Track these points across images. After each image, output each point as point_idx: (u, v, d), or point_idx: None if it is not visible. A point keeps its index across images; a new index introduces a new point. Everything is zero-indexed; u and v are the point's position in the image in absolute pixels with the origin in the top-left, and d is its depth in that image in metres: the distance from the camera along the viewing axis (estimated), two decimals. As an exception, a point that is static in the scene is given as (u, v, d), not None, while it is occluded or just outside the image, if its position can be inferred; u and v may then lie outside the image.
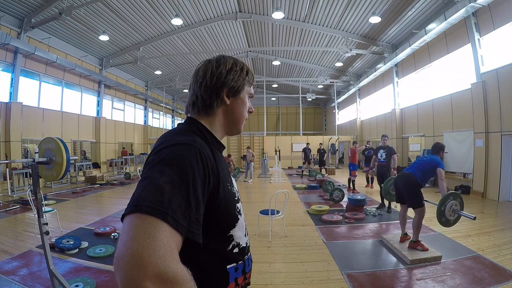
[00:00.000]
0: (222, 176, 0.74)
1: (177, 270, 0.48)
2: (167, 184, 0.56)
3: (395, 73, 12.65)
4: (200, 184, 0.61)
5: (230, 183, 0.79)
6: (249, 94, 0.90)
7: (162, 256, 0.47)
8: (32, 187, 3.05)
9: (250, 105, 0.92)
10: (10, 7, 8.77)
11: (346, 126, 20.46)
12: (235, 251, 0.76)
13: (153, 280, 0.44)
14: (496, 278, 2.90)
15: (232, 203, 0.76)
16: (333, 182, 8.33)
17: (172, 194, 0.55)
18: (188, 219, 0.56)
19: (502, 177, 6.75)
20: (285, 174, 13.68)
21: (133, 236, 0.48)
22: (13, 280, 2.89)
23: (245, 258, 0.80)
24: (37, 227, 3.33)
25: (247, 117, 0.91)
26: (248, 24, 12.86)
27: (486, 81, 7.25)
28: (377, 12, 9.50)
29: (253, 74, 0.91)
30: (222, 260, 0.74)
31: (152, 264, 0.45)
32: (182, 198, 0.56)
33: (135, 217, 0.51)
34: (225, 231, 0.74)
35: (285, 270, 3.21)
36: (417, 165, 3.71)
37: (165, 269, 0.46)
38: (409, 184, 3.62)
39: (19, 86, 9.63)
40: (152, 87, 19.11)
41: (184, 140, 0.67)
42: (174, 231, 0.52)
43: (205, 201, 0.64)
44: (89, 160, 13.67)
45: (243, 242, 0.80)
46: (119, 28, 11.42)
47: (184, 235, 0.54)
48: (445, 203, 3.08)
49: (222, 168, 0.77)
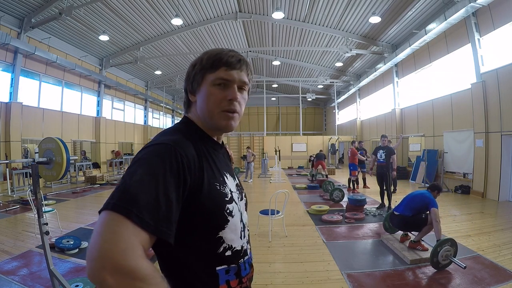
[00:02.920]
0: (210, 175, 0.72)
1: (138, 266, 0.49)
2: (136, 183, 0.57)
3: (395, 73, 12.65)
4: (173, 183, 0.61)
5: (221, 183, 0.75)
6: (214, 80, 0.77)
7: (122, 251, 0.49)
8: (32, 187, 3.05)
9: (229, 92, 0.77)
10: (10, 7, 8.77)
11: (346, 126, 20.45)
12: (227, 254, 0.74)
13: (112, 273, 0.47)
14: (496, 278, 2.90)
15: (220, 204, 0.73)
16: (333, 182, 8.33)
17: (140, 192, 0.56)
18: (156, 217, 0.56)
19: (502, 177, 6.74)
20: (285, 174, 13.69)
21: (99, 231, 0.51)
22: (13, 280, 2.89)
23: (240, 262, 0.77)
24: (37, 227, 3.32)
25: (236, 109, 0.79)
26: (248, 24, 12.86)
27: (486, 81, 7.25)
28: (377, 12, 9.50)
29: (219, 53, 0.79)
30: (212, 261, 0.72)
31: (111, 258, 0.48)
32: (150, 196, 0.57)
33: (104, 214, 0.54)
34: (212, 232, 0.72)
35: (285, 270, 3.21)
36: (406, 203, 3.63)
37: (124, 263, 0.48)
38: (403, 222, 3.60)
39: (19, 86, 9.62)
40: (152, 87, 19.10)
41: (163, 140, 0.68)
42: (139, 228, 0.53)
43: (180, 200, 0.63)
44: (89, 160, 13.66)
45: (237, 245, 0.77)
46: (119, 28, 11.41)
47: (151, 233, 0.55)
48: (443, 246, 3.04)
49: (212, 167, 0.75)
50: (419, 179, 9.77)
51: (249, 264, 0.82)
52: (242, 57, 0.82)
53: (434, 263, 3.06)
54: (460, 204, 6.65)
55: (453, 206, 6.36)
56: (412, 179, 10.31)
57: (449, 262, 3.09)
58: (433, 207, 3.32)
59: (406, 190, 8.26)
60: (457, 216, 5.46)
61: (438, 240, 3.08)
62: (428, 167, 9.37)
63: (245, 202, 0.90)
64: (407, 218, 3.55)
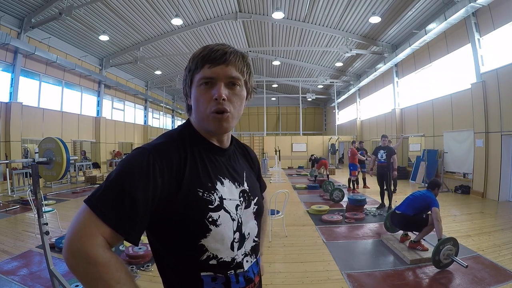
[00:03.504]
0: (193, 181, 0.70)
1: (92, 252, 0.56)
2: (108, 182, 0.63)
3: (395, 73, 12.64)
4: (141, 185, 0.63)
5: (208, 189, 0.71)
6: (198, 80, 0.73)
7: (80, 238, 0.58)
8: (32, 187, 3.05)
9: (214, 91, 0.72)
10: (10, 7, 8.77)
11: (346, 126, 20.45)
12: (211, 263, 0.71)
13: (72, 254, 0.57)
14: (496, 278, 2.90)
15: (201, 211, 0.69)
16: (333, 182, 8.33)
17: (108, 191, 0.62)
18: (118, 215, 0.60)
19: (502, 177, 6.74)
20: (285, 174, 13.68)
21: (73, 219, 0.61)
22: (13, 280, 2.89)
23: (229, 273, 0.73)
24: (37, 227, 3.32)
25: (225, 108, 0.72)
26: (248, 24, 12.85)
27: (486, 81, 7.25)
28: (377, 12, 9.50)
29: (203, 50, 0.74)
30: (195, 266, 0.70)
31: (72, 241, 0.58)
32: (116, 195, 0.61)
33: (82, 206, 0.62)
34: (193, 239, 0.69)
35: (285, 270, 3.20)
36: (408, 202, 3.64)
37: (80, 247, 0.57)
38: (404, 222, 3.60)
39: (19, 86, 9.62)
40: (152, 87, 19.10)
41: (146, 145, 0.71)
42: (101, 221, 0.59)
43: (149, 202, 0.64)
44: (89, 160, 13.66)
45: (225, 256, 0.72)
46: (119, 28, 11.41)
47: (113, 229, 0.60)
48: (445, 244, 3.05)
49: (200, 173, 0.72)
50: (419, 179, 9.77)
51: (245, 278, 0.76)
52: (229, 50, 0.74)
53: (435, 262, 3.06)
54: (460, 204, 6.65)
55: (453, 206, 6.36)
56: (412, 179, 10.31)
57: (450, 261, 3.09)
58: (435, 206, 3.34)
59: (406, 190, 8.27)
60: (457, 216, 5.45)
61: (439, 240, 3.09)
62: (428, 167, 9.37)
63: (254, 211, 0.82)
64: (408, 217, 3.55)
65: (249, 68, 0.79)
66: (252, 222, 0.81)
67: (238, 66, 0.75)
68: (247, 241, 0.78)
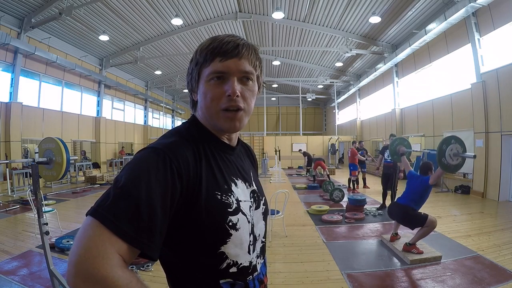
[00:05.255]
0: (210, 183, 0.65)
1: (109, 275, 0.47)
2: (118, 190, 0.54)
3: (395, 73, 12.65)
4: (159, 191, 0.55)
5: (225, 192, 0.67)
6: (209, 74, 0.68)
7: (92, 259, 0.47)
8: (32, 187, 3.04)
9: (227, 87, 0.67)
10: (10, 7, 8.77)
11: (346, 126, 20.46)
12: (231, 271, 0.66)
13: (84, 280, 0.46)
14: (496, 278, 2.90)
15: (220, 216, 0.64)
16: (333, 182, 8.33)
17: (119, 199, 0.53)
18: (135, 227, 0.52)
19: (502, 177, 6.74)
20: (285, 174, 13.68)
21: (78, 236, 0.50)
22: (13, 280, 2.88)
23: (248, 279, 0.69)
24: (37, 227, 3.32)
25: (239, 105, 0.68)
26: (248, 24, 12.85)
27: (486, 81, 7.25)
28: (377, 12, 9.50)
29: (212, 42, 0.69)
30: (215, 276, 0.66)
31: (81, 264, 0.47)
32: (130, 204, 0.52)
33: (87, 219, 0.52)
34: (212, 247, 0.64)
35: (285, 270, 3.20)
36: (409, 193, 3.61)
37: (94, 271, 0.46)
38: (405, 215, 3.56)
39: (19, 86, 9.63)
40: (152, 87, 19.10)
41: (156, 144, 0.63)
42: (115, 236, 0.50)
43: (168, 210, 0.57)
44: (89, 160, 13.67)
45: (244, 261, 0.68)
46: (119, 28, 11.41)
47: (129, 244, 0.51)
48: (448, 143, 2.92)
49: (215, 173, 0.67)
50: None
51: (259, 280, 0.73)
52: (242, 41, 0.69)
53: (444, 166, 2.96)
54: (460, 204, 6.64)
55: (453, 206, 6.36)
56: (412, 179, 10.28)
57: (460, 162, 2.94)
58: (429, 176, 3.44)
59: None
60: (457, 216, 5.45)
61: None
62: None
63: (263, 211, 0.80)
64: (409, 211, 3.49)
65: (261, 61, 0.75)
66: (261, 222, 0.79)
67: (251, 60, 0.69)
68: (257, 242, 0.76)
